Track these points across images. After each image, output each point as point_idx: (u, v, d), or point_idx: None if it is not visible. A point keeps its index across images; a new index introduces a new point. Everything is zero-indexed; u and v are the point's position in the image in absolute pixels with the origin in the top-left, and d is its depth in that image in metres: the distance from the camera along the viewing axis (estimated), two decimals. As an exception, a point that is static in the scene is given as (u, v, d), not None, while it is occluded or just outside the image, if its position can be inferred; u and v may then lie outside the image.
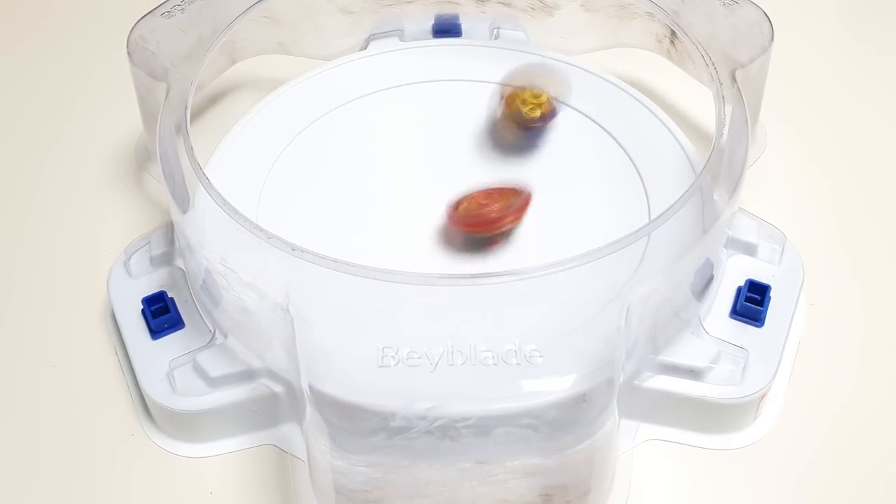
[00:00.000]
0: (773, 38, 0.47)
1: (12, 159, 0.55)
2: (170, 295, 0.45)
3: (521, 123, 0.49)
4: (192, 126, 0.44)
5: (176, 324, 0.44)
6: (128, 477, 0.42)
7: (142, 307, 0.44)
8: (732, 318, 0.44)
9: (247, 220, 0.40)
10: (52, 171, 0.54)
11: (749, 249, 0.46)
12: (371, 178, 0.48)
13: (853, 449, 0.43)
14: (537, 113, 0.49)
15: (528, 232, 0.45)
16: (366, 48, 0.55)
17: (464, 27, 0.55)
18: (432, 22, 0.55)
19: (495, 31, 0.55)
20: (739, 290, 0.45)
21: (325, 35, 0.55)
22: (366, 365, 0.38)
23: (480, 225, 0.44)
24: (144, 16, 0.49)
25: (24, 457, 0.43)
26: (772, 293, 0.44)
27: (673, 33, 0.51)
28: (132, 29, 0.48)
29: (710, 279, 0.44)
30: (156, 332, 0.44)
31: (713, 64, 0.46)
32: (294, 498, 0.41)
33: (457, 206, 0.45)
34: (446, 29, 0.55)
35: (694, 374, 0.42)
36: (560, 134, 0.50)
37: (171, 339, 0.44)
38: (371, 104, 0.52)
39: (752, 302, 0.44)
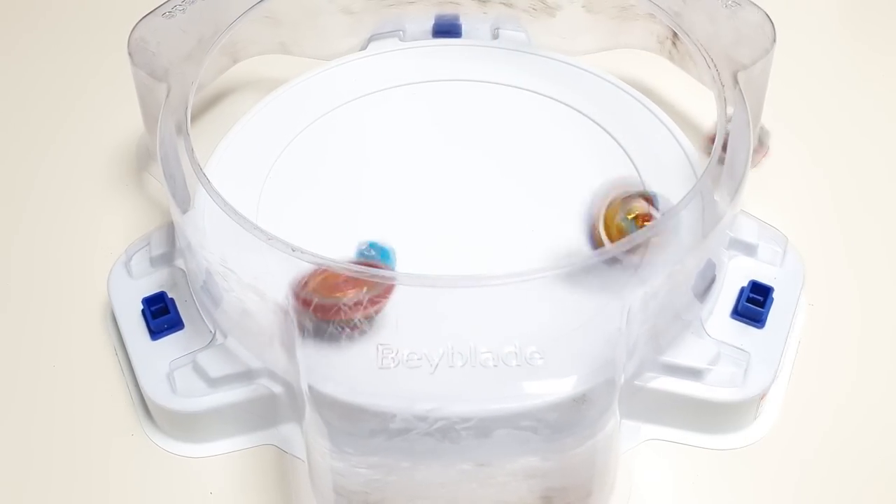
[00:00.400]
0: (775, 40, 0.47)
1: (13, 159, 0.55)
2: (170, 295, 0.45)
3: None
4: (193, 126, 0.44)
5: (176, 324, 0.44)
6: (128, 477, 0.42)
7: (142, 308, 0.44)
8: (733, 318, 0.44)
9: (247, 221, 0.40)
10: (52, 171, 0.54)
11: (750, 251, 0.46)
12: (371, 178, 0.48)
13: (853, 449, 0.43)
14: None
15: (529, 232, 0.45)
16: (366, 48, 0.55)
17: (464, 28, 0.55)
18: (433, 22, 0.55)
19: (496, 31, 0.55)
20: (742, 290, 0.45)
21: (326, 35, 0.55)
22: (366, 366, 0.38)
23: (326, 312, 0.37)
24: (145, 16, 0.49)
25: (23, 457, 0.43)
26: (773, 295, 0.44)
27: (675, 34, 0.51)
28: (133, 29, 0.48)
29: (712, 281, 0.44)
30: (156, 333, 0.44)
31: (715, 65, 0.46)
32: (294, 499, 0.41)
33: (304, 283, 0.38)
34: (447, 29, 0.55)
35: (695, 374, 0.42)
36: (560, 134, 0.50)
37: (171, 340, 0.44)
38: (371, 104, 0.52)
39: (755, 303, 0.44)
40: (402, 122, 0.51)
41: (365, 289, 0.37)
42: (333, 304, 0.37)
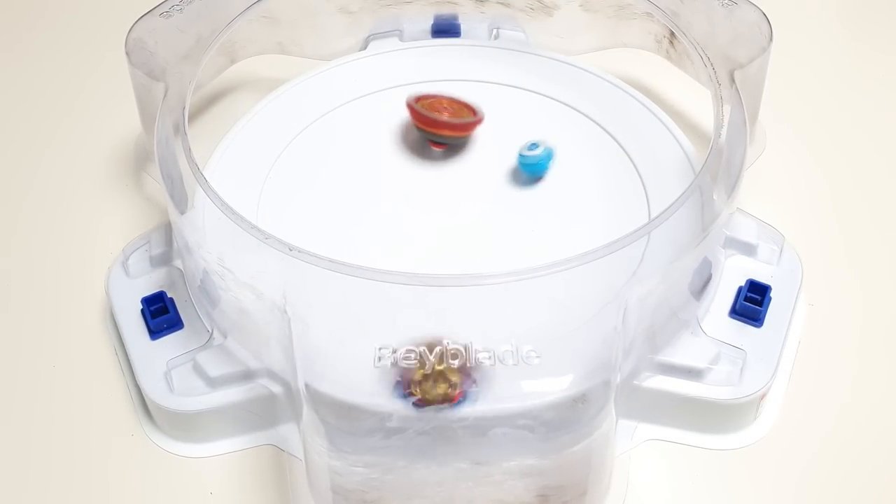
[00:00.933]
0: (771, 39, 0.47)
1: (11, 159, 0.55)
2: (169, 295, 0.45)
3: None
4: (192, 126, 0.45)
5: (175, 324, 0.44)
6: (127, 477, 0.43)
7: (141, 307, 0.44)
8: (731, 317, 0.44)
9: (244, 221, 0.40)
10: (51, 172, 0.54)
11: (747, 250, 0.46)
12: (370, 178, 0.48)
13: (853, 449, 0.43)
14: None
15: (528, 231, 0.46)
16: (365, 48, 0.55)
17: (463, 27, 0.55)
18: (431, 22, 0.55)
19: (494, 31, 0.55)
20: (740, 290, 0.45)
21: (325, 35, 0.55)
22: (362, 365, 0.38)
23: (422, 121, 0.48)
24: (143, 16, 0.49)
25: (23, 457, 0.43)
26: (771, 293, 0.44)
27: (672, 34, 0.51)
28: (131, 29, 0.48)
29: (709, 279, 0.44)
30: (155, 333, 0.44)
31: (712, 64, 0.46)
32: (292, 498, 0.41)
33: (419, 98, 0.48)
34: (445, 29, 0.55)
35: (692, 374, 0.42)
36: (559, 133, 0.50)
37: (171, 340, 0.44)
38: (371, 104, 0.52)
39: (752, 302, 0.44)
40: (402, 121, 0.51)
41: (463, 115, 0.48)
42: (430, 116, 0.47)
